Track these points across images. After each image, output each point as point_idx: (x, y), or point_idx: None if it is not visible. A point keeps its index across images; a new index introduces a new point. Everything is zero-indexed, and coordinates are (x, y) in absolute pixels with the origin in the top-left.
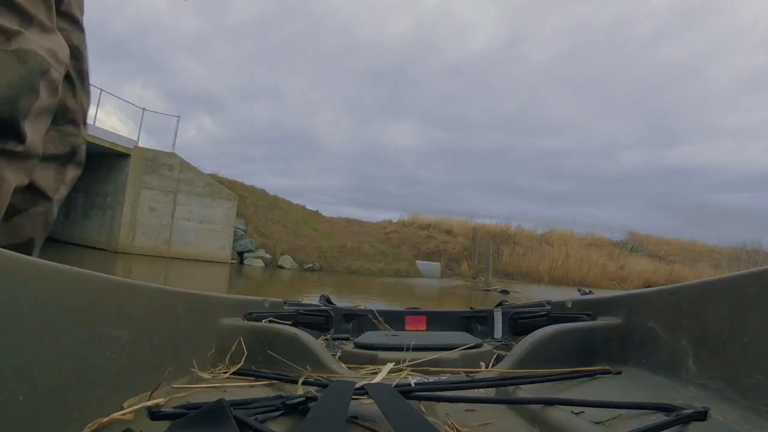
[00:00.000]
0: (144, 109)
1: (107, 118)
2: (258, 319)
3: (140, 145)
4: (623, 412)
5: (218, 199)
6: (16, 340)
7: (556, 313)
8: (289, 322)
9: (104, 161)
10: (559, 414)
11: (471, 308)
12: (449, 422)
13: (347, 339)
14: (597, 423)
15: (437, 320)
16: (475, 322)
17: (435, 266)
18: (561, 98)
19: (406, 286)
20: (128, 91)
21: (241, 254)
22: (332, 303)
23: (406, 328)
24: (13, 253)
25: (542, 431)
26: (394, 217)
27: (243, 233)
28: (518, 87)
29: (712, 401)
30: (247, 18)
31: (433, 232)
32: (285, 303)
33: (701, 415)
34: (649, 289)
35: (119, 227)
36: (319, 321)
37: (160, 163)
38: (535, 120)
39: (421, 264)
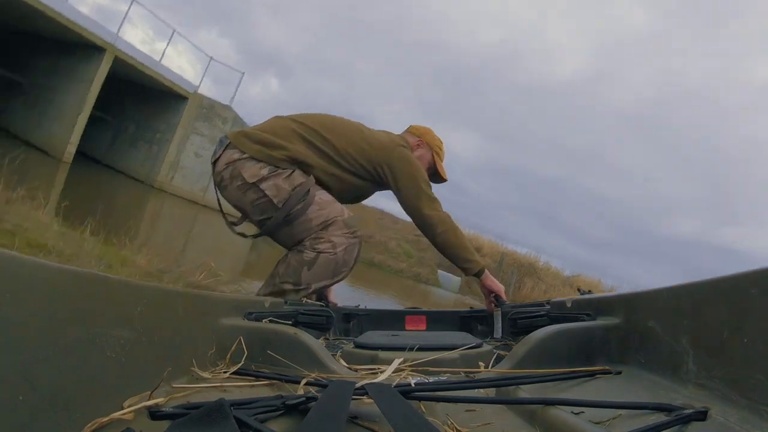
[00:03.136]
0: (211, 58)
1: (177, 58)
2: (258, 319)
3: (200, 91)
4: (623, 412)
5: None
6: (16, 339)
7: (555, 313)
8: (290, 322)
9: (162, 98)
10: (559, 414)
11: (471, 308)
12: (449, 422)
13: (347, 339)
14: (597, 423)
15: (437, 320)
16: (474, 322)
17: (455, 280)
18: (630, 146)
19: (422, 294)
20: (204, 36)
21: None
22: (333, 303)
23: (406, 327)
24: (13, 253)
25: (542, 431)
26: None
27: None
28: (589, 124)
29: (711, 401)
30: None
31: None
32: (285, 303)
33: (701, 416)
34: (649, 289)
35: (161, 164)
36: (319, 321)
37: (215, 113)
38: (597, 161)
39: (442, 274)
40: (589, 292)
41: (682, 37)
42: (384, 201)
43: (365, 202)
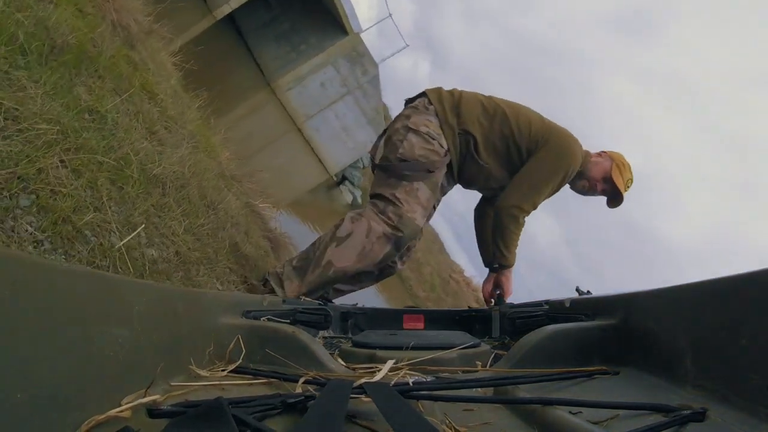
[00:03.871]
0: (390, 15)
1: None
2: (256, 318)
3: (362, 36)
4: (621, 412)
5: (369, 126)
6: (14, 337)
7: (554, 313)
8: (288, 321)
9: (327, 19)
10: (556, 414)
11: (469, 307)
12: (447, 422)
13: (346, 337)
14: (595, 423)
15: (435, 319)
16: (473, 321)
17: None
18: None
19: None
20: None
21: (343, 178)
22: (331, 301)
23: (404, 327)
24: (12, 251)
25: (540, 431)
26: (469, 271)
27: (360, 168)
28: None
29: (710, 402)
30: (532, 29)
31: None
32: (284, 301)
33: (699, 416)
34: (648, 289)
35: (289, 72)
36: (317, 319)
37: (361, 62)
38: None
39: None
40: (588, 292)
41: None
42: (444, 229)
43: (434, 222)
